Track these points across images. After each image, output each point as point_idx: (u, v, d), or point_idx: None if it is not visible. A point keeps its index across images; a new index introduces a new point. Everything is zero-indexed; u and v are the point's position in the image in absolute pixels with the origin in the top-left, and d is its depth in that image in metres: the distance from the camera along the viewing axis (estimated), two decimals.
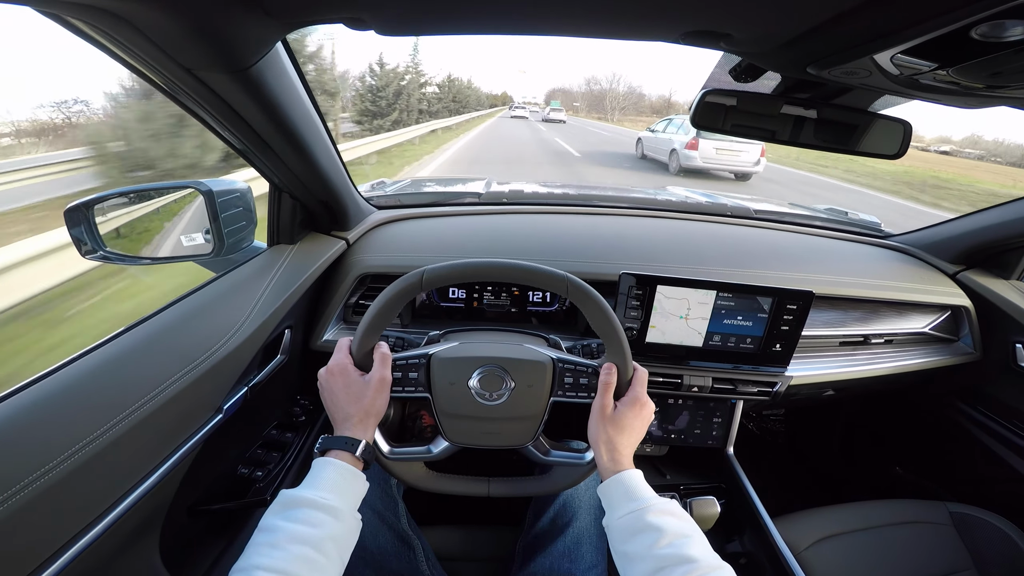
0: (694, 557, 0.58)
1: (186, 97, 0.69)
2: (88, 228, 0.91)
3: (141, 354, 0.73)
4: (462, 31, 0.60)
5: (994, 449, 1.34)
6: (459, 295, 1.22)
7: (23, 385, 0.62)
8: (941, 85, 0.61)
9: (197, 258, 1.01)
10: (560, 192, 1.71)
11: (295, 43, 2.63)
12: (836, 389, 1.27)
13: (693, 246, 1.33)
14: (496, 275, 0.75)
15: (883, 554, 1.09)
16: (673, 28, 0.56)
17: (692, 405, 1.22)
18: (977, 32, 0.44)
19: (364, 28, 0.56)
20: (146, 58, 0.59)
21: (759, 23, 0.55)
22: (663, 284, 1.03)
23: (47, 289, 2.76)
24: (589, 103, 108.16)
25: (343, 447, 0.69)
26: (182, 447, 0.72)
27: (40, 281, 2.73)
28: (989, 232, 1.30)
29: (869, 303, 1.27)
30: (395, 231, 1.30)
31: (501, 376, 0.77)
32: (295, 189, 1.01)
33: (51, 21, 0.53)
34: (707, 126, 0.90)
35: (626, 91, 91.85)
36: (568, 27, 0.60)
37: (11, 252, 2.64)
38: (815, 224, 1.56)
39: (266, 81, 0.70)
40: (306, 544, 0.57)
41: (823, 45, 0.56)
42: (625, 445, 0.73)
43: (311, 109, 0.86)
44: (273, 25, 0.59)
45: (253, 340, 0.87)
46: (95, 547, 0.58)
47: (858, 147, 0.88)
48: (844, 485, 1.75)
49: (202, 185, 0.94)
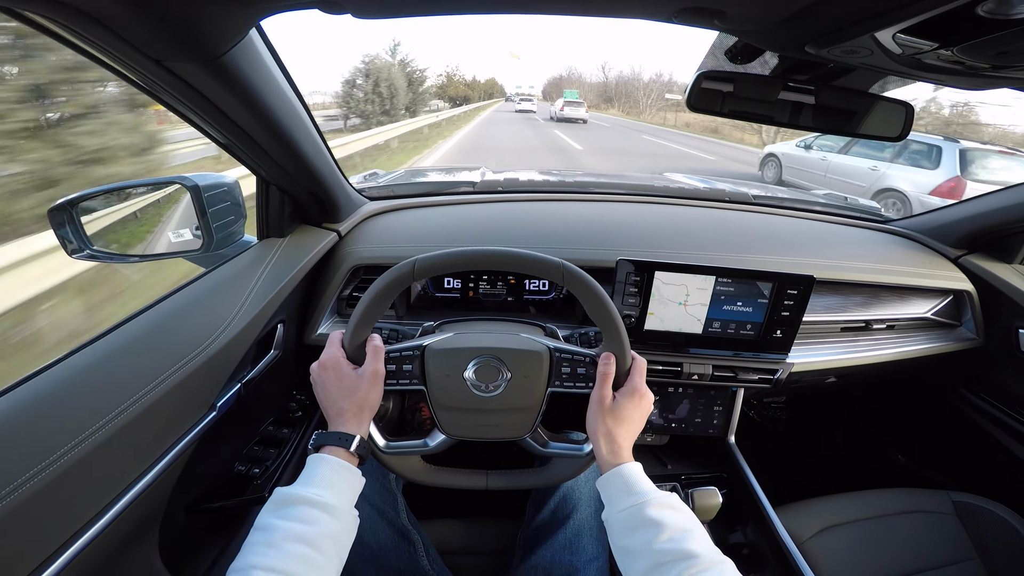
0: (695, 552, 0.57)
1: (160, 90, 0.67)
2: (74, 227, 0.90)
3: (131, 351, 0.72)
4: (444, 11, 0.57)
5: (997, 436, 1.33)
6: (455, 285, 1.21)
7: (13, 385, 0.61)
8: (945, 65, 0.59)
9: (186, 254, 1.00)
10: (556, 180, 1.69)
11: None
12: (838, 376, 1.26)
13: (691, 232, 1.31)
14: (490, 263, 0.73)
15: (886, 543, 1.08)
16: (665, 5, 0.53)
17: (692, 393, 1.21)
18: (983, 9, 0.43)
19: (340, 12, 0.54)
20: (114, 52, 0.57)
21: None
22: (661, 270, 1.01)
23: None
24: (599, 94, 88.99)
25: (337, 443, 0.68)
26: (176, 445, 0.71)
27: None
28: (991, 216, 1.28)
29: (870, 288, 1.25)
30: (388, 222, 1.28)
31: (497, 367, 0.76)
32: (282, 181, 0.99)
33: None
34: (704, 109, 0.88)
35: (650, 79, 72.33)
36: (556, 5, 0.57)
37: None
38: (814, 209, 1.55)
39: (241, 69, 0.68)
40: (303, 542, 0.56)
41: (822, 22, 0.54)
42: (624, 437, 0.72)
43: (292, 98, 0.84)
44: (243, 12, 0.57)
45: (245, 335, 0.85)
46: (93, 547, 0.58)
47: (859, 129, 0.86)
48: (847, 474, 1.74)
49: (188, 180, 0.93)
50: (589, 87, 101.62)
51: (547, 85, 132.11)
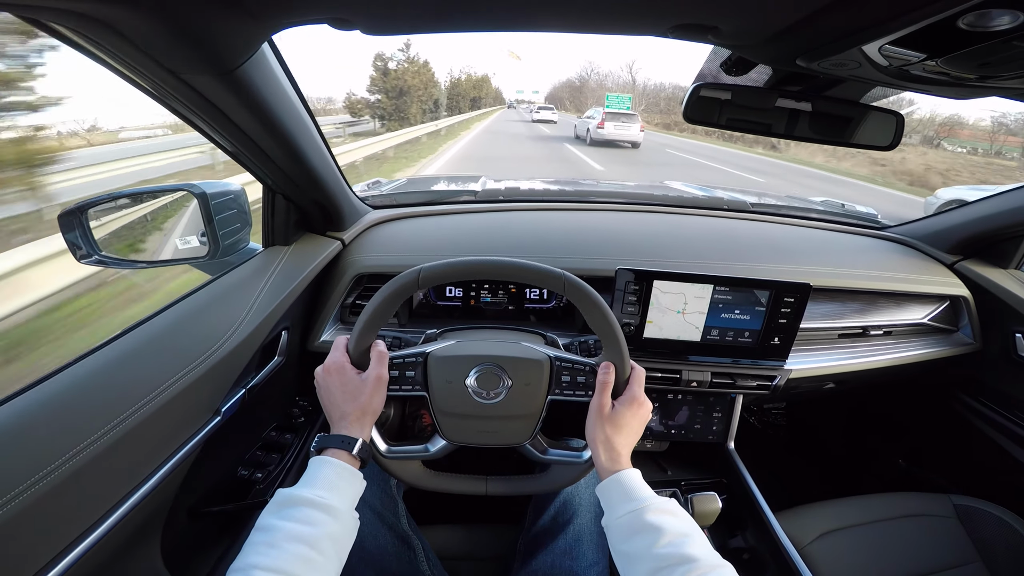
0: (694, 556, 0.58)
1: (173, 100, 0.69)
2: (83, 233, 0.91)
3: (138, 357, 0.73)
4: (449, 29, 0.60)
5: (996, 440, 1.33)
6: (456, 294, 1.22)
7: (22, 389, 0.62)
8: (931, 76, 0.60)
9: (193, 261, 1.01)
10: (556, 189, 1.71)
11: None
12: (836, 382, 1.26)
13: (689, 241, 1.33)
14: (493, 273, 0.75)
15: (888, 548, 1.08)
16: (661, 22, 0.55)
17: (692, 400, 1.22)
18: (964, 22, 0.44)
19: (350, 28, 0.56)
20: (131, 62, 0.59)
21: (746, 16, 0.54)
22: (660, 279, 1.02)
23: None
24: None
25: (340, 445, 0.69)
26: (181, 449, 0.72)
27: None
28: (986, 222, 1.30)
29: (867, 295, 1.27)
30: (391, 231, 1.30)
31: (498, 374, 0.77)
32: (288, 190, 1.01)
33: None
34: (701, 120, 0.90)
35: (672, 87, 63.74)
36: (556, 22, 0.59)
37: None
38: (811, 216, 1.56)
39: (253, 82, 0.70)
40: (303, 543, 0.57)
41: (811, 37, 0.56)
42: (623, 444, 0.73)
43: (301, 110, 0.86)
44: (257, 27, 0.59)
45: (250, 342, 0.87)
46: (96, 550, 0.59)
47: (852, 139, 0.88)
48: (847, 478, 1.74)
49: (195, 188, 0.94)
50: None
51: (556, 89, 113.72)
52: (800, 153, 18.93)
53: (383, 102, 24.16)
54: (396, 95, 24.09)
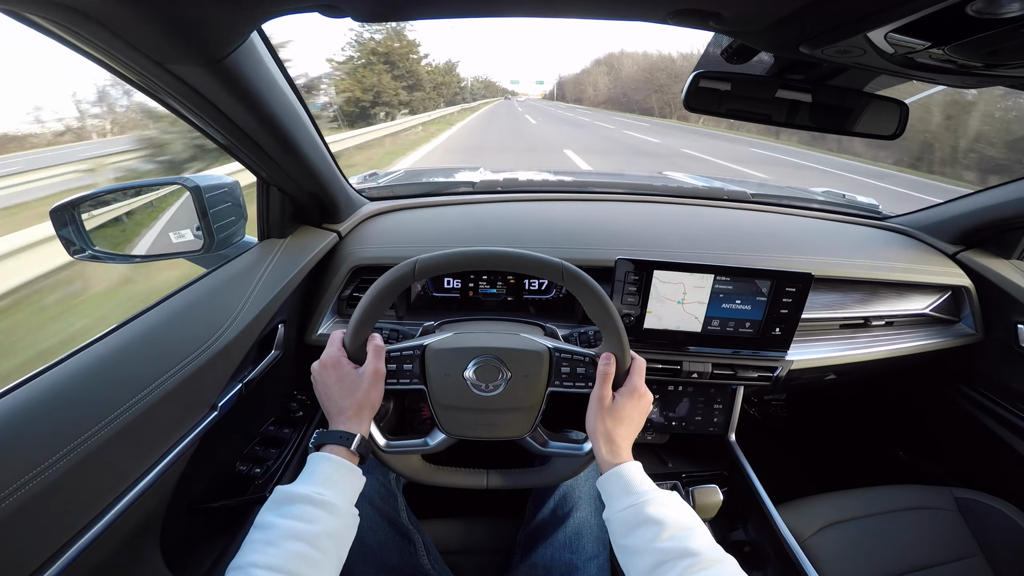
0: (696, 550, 0.58)
1: (161, 92, 0.67)
2: (76, 228, 0.91)
3: (133, 352, 0.72)
4: (443, 14, 0.58)
5: (998, 432, 1.33)
6: (454, 285, 1.21)
7: (15, 385, 0.61)
8: (937, 64, 0.59)
9: (187, 254, 1.00)
10: (555, 179, 1.70)
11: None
12: (838, 373, 1.26)
13: (690, 231, 1.32)
14: (491, 263, 0.74)
15: (889, 540, 1.08)
16: (661, 6, 0.54)
17: (692, 392, 1.21)
18: (972, 8, 0.43)
19: (340, 15, 0.54)
20: (114, 53, 0.57)
21: (749, 1, 0.53)
22: (659, 269, 1.02)
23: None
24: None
25: (338, 441, 0.68)
26: (178, 445, 0.72)
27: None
28: (989, 212, 1.28)
29: (869, 285, 1.26)
30: (388, 222, 1.29)
31: (497, 367, 0.76)
32: (282, 182, 0.99)
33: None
34: (701, 109, 0.88)
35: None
36: (553, 7, 0.58)
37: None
38: (812, 207, 1.55)
39: (243, 72, 0.68)
40: (302, 540, 0.56)
41: (815, 23, 0.54)
42: (623, 437, 0.73)
43: (293, 100, 0.84)
44: (244, 15, 0.57)
45: (246, 336, 0.86)
46: (94, 547, 0.58)
47: (855, 128, 0.87)
48: (848, 471, 1.74)
49: (188, 181, 0.93)
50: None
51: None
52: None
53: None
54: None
